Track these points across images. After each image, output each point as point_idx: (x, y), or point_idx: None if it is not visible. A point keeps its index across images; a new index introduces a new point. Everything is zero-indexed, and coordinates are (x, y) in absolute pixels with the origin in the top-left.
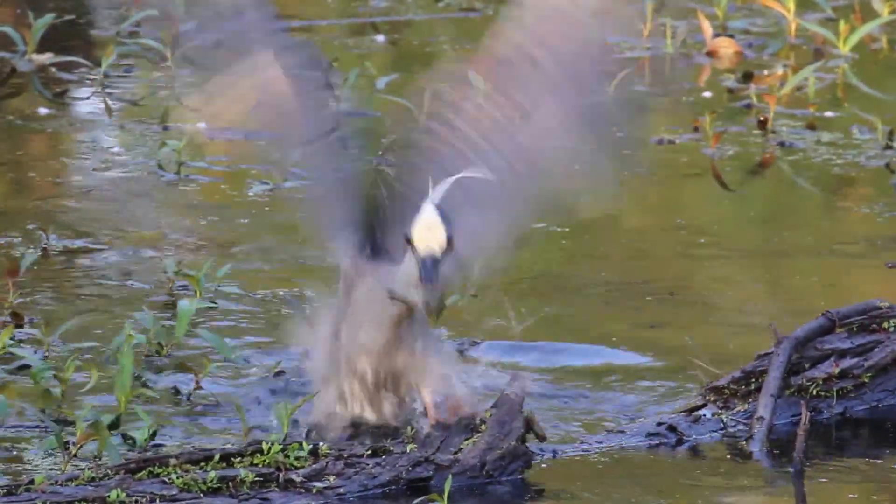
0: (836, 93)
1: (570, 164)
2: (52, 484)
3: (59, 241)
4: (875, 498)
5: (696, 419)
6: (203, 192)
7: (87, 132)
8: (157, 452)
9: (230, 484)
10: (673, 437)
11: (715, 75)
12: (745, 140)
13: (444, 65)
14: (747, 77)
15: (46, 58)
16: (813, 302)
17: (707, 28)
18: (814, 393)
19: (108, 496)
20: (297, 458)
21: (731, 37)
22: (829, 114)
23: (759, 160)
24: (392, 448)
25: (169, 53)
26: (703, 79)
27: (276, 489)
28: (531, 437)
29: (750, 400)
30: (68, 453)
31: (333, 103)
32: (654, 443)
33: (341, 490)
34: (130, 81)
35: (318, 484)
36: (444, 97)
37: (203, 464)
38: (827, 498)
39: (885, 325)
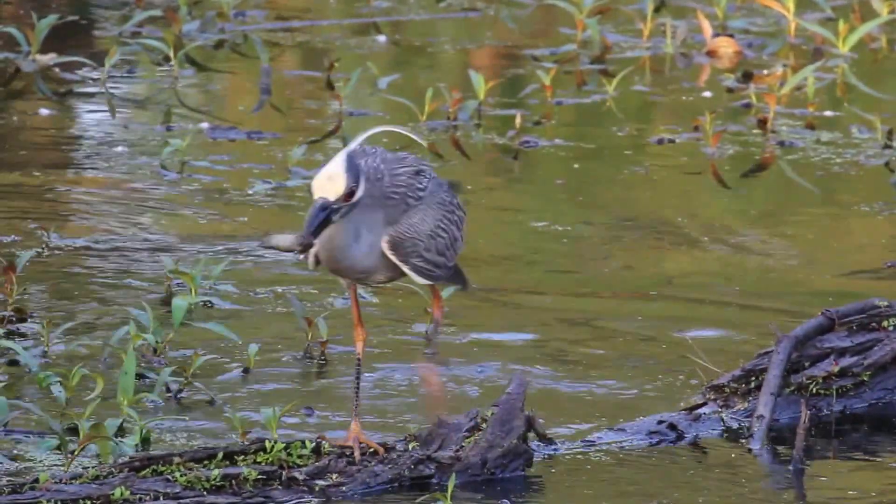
0: (835, 92)
1: None
2: (56, 482)
3: (61, 239)
4: (874, 494)
5: (696, 417)
6: (205, 191)
7: (90, 132)
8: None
9: (233, 482)
10: (673, 435)
11: (715, 75)
12: (744, 139)
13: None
14: (747, 77)
15: (50, 58)
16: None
17: (707, 28)
18: (813, 391)
19: (113, 494)
20: (299, 457)
21: (731, 36)
22: (828, 113)
23: (759, 159)
24: (395, 446)
25: (172, 53)
26: (702, 78)
27: (279, 487)
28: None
29: (750, 398)
30: (70, 453)
31: None
32: (655, 440)
33: (344, 488)
34: (133, 81)
35: (320, 482)
36: None
37: (206, 462)
38: (827, 494)
39: (885, 323)
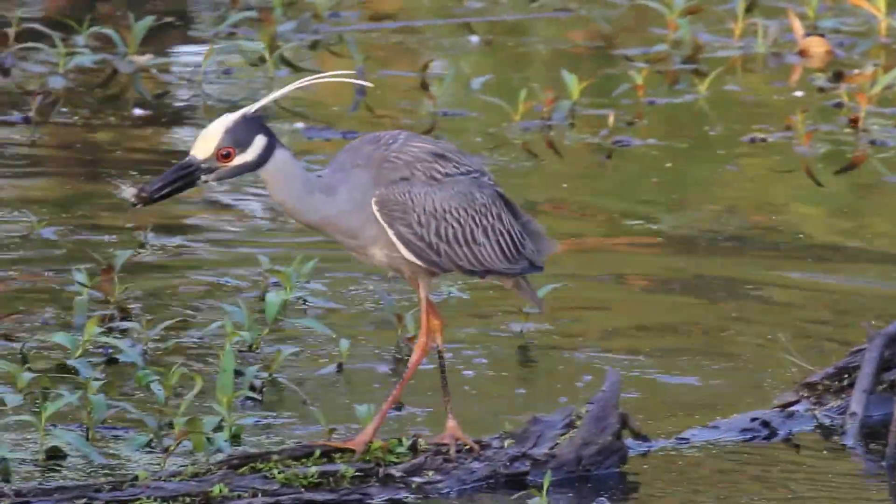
0: None
1: None
2: (156, 479)
3: (157, 238)
4: None
5: (789, 414)
6: None
7: (185, 132)
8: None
9: (330, 479)
10: (766, 432)
11: (806, 74)
12: (836, 138)
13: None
14: (838, 76)
15: (146, 59)
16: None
17: (798, 27)
18: None
19: (212, 491)
20: (396, 454)
21: (822, 36)
22: None
23: (851, 158)
24: (490, 443)
25: (267, 54)
26: (794, 78)
27: (376, 484)
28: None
29: (843, 395)
30: (165, 451)
31: None
32: (748, 437)
33: (440, 485)
34: (229, 82)
35: (417, 479)
36: None
37: (304, 459)
38: None
39: None
